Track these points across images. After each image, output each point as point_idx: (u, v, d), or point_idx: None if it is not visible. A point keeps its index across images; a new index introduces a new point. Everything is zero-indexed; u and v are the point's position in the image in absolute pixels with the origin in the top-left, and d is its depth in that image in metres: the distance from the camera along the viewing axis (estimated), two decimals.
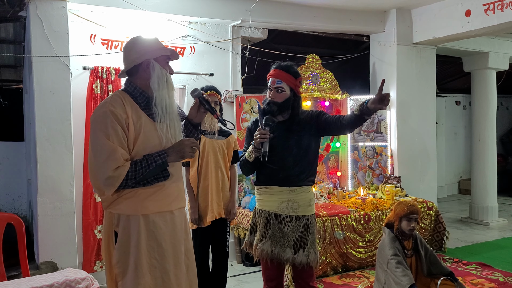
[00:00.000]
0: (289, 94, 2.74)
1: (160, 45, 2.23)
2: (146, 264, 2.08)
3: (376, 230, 4.74)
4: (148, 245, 2.09)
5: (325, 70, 5.54)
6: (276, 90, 2.72)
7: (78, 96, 4.21)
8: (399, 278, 3.32)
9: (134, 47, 2.20)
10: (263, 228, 2.75)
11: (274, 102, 2.70)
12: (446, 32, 5.37)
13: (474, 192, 6.95)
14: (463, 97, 9.76)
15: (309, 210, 2.76)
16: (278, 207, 2.72)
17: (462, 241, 5.79)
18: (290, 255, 2.68)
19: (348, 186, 5.74)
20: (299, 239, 2.70)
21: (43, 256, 3.87)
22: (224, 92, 4.95)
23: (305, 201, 2.75)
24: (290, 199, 2.71)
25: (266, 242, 2.71)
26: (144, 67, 2.17)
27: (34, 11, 3.84)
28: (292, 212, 2.72)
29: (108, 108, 2.06)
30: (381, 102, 2.50)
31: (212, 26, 5.00)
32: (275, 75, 2.74)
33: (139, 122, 2.11)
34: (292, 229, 2.71)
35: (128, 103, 2.13)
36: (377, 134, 5.76)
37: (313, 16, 5.39)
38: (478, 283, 4.20)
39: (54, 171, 3.91)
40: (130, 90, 2.20)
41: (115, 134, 2.03)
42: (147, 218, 2.10)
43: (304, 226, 2.72)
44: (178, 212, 2.23)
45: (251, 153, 2.69)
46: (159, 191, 2.14)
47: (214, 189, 3.50)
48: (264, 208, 2.78)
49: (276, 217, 2.73)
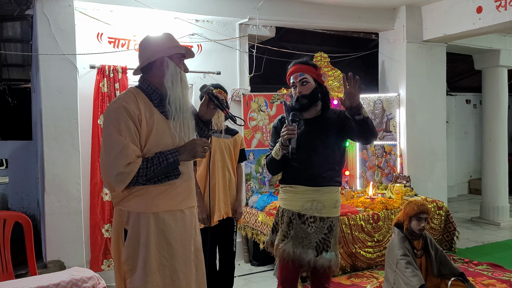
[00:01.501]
0: (315, 84, 2.67)
1: (175, 43, 2.21)
2: (155, 262, 2.08)
3: (385, 230, 4.69)
4: (157, 243, 2.09)
5: (333, 69, 5.50)
6: (301, 83, 2.65)
7: (85, 95, 4.20)
8: (408, 278, 3.27)
9: (149, 44, 2.19)
10: (285, 227, 2.68)
11: (303, 96, 2.63)
12: (457, 29, 5.29)
13: (484, 191, 6.87)
14: (474, 95, 9.65)
15: (334, 211, 2.69)
16: (302, 206, 2.65)
17: (472, 241, 5.71)
18: (312, 257, 2.60)
19: (356, 186, 5.69)
20: (322, 241, 2.63)
21: (51, 255, 3.87)
22: (232, 91, 4.92)
23: (331, 202, 2.68)
24: (315, 199, 2.64)
25: (288, 243, 2.63)
26: (158, 64, 2.16)
27: (40, 9, 3.84)
28: (316, 213, 2.64)
29: (121, 104, 2.05)
30: (350, 95, 2.41)
31: (219, 24, 4.97)
32: (296, 70, 2.69)
33: (152, 119, 2.10)
34: (315, 230, 2.63)
35: (141, 99, 2.12)
36: (386, 133, 5.70)
37: (321, 14, 5.34)
38: (489, 283, 4.13)
39: (61, 169, 3.91)
40: (143, 87, 2.19)
41: (127, 130, 2.02)
42: (157, 216, 2.09)
43: (328, 228, 2.65)
44: (188, 211, 2.22)
45: (278, 151, 2.61)
46: (169, 190, 2.13)
47: (221, 188, 3.48)
48: (287, 207, 2.71)
49: (299, 217, 2.65)
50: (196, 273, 2.24)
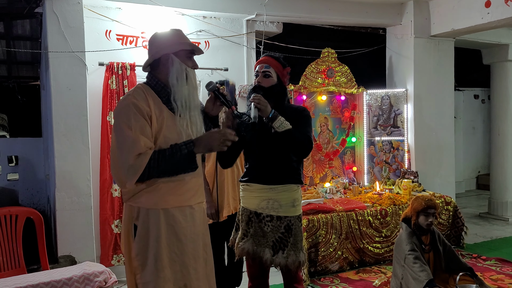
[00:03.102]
0: (276, 81, 2.65)
1: (181, 39, 2.19)
2: (166, 257, 2.09)
3: (393, 225, 4.69)
4: (168, 238, 2.09)
5: (340, 64, 5.49)
6: (264, 75, 2.63)
7: (94, 92, 4.24)
8: (416, 273, 3.28)
9: (155, 41, 2.19)
10: (245, 226, 2.64)
11: (260, 87, 2.60)
12: (465, 24, 5.25)
13: (493, 187, 6.84)
14: (482, 90, 9.58)
15: (292, 211, 2.61)
16: (259, 205, 2.60)
17: (481, 237, 5.69)
18: (269, 256, 2.56)
19: (364, 181, 5.69)
20: (279, 240, 2.58)
21: (62, 250, 3.92)
22: (239, 87, 4.93)
23: (288, 201, 2.60)
24: (271, 198, 2.59)
25: (248, 241, 2.61)
26: (163, 61, 2.15)
27: (50, 7, 3.87)
28: (273, 212, 2.58)
29: (131, 101, 2.06)
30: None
31: (226, 21, 4.98)
32: (264, 61, 2.68)
33: (161, 116, 2.10)
34: (272, 229, 2.58)
35: (150, 96, 2.12)
36: (394, 128, 5.69)
37: (328, 9, 5.33)
38: (497, 278, 4.12)
39: (71, 166, 3.95)
40: (152, 84, 2.19)
41: (138, 126, 2.02)
42: (167, 212, 2.10)
43: (285, 227, 2.58)
44: (197, 207, 2.22)
45: None
46: (179, 186, 2.13)
47: (230, 184, 3.51)
48: (245, 205, 2.67)
49: (257, 216, 2.61)
50: (206, 268, 2.25)
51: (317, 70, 5.33)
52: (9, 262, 3.33)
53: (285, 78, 2.70)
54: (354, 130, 5.73)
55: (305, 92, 5.25)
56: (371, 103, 5.69)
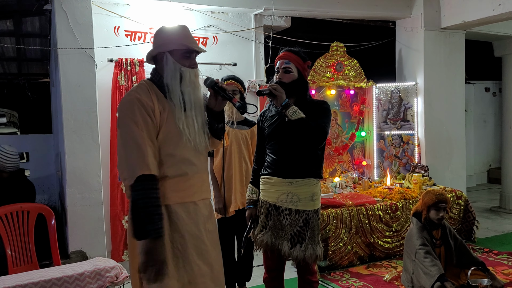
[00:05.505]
0: (297, 76, 2.66)
1: (179, 38, 2.15)
2: (169, 254, 2.08)
3: (403, 220, 4.66)
4: (170, 235, 2.09)
5: (349, 58, 5.45)
6: (284, 71, 2.64)
7: (103, 88, 4.26)
8: (427, 268, 3.26)
9: (155, 37, 2.20)
10: (264, 218, 2.69)
11: (281, 83, 2.62)
12: (476, 16, 5.18)
13: (505, 180, 6.77)
14: (493, 83, 9.47)
15: (310, 205, 2.64)
16: (278, 198, 2.64)
17: (492, 231, 5.65)
18: (287, 249, 2.61)
19: (374, 176, 5.66)
20: (297, 234, 2.61)
21: (73, 246, 3.96)
22: (248, 82, 4.92)
23: (307, 195, 2.63)
24: (290, 192, 2.62)
25: (267, 233, 2.66)
26: (159, 59, 2.16)
27: (58, 4, 3.89)
28: (291, 205, 2.62)
29: (135, 96, 2.06)
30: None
31: (234, 15, 4.96)
32: (284, 57, 2.68)
33: (165, 112, 2.10)
34: (290, 222, 2.62)
35: (154, 92, 2.12)
36: (404, 122, 5.64)
37: (337, 3, 5.28)
38: (509, 273, 4.09)
39: (81, 162, 3.98)
40: (155, 79, 2.19)
41: (143, 121, 2.02)
42: (169, 209, 2.09)
43: (303, 221, 2.62)
44: (201, 203, 2.21)
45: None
46: (182, 182, 2.12)
47: (238, 179, 3.50)
48: (265, 198, 2.71)
49: (276, 209, 2.66)
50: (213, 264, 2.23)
51: (326, 64, 5.30)
52: (22, 258, 3.36)
53: (306, 72, 2.71)
54: (364, 124, 5.70)
55: (314, 86, 5.22)
56: (381, 97, 5.65)
